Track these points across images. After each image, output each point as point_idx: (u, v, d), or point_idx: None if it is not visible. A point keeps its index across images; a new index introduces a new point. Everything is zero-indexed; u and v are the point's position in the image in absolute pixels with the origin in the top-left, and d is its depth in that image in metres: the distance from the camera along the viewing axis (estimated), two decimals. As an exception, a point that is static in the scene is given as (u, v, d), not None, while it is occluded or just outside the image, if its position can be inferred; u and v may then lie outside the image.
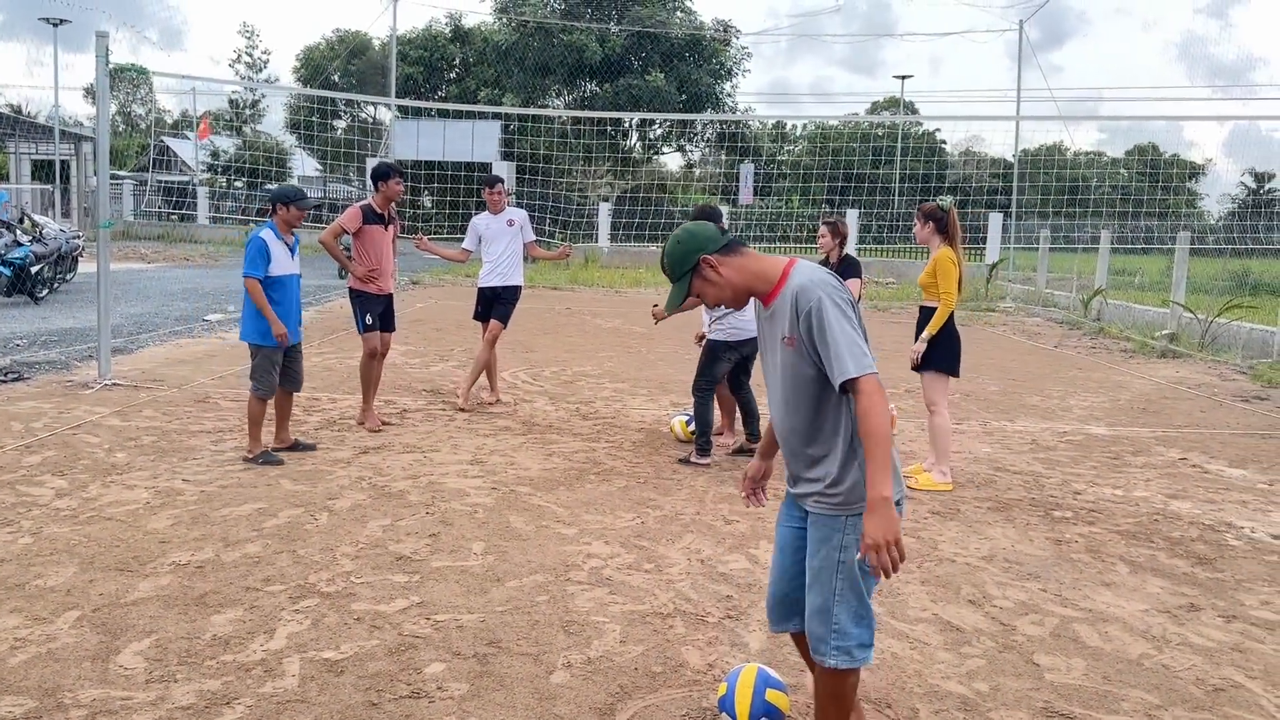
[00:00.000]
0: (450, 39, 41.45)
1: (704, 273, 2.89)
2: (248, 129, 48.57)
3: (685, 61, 38.93)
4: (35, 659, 3.63)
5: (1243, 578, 4.98)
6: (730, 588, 4.58)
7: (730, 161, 41.23)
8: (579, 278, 23.78)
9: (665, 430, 7.84)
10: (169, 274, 22.37)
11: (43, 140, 39.32)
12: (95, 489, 5.74)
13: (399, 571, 4.63)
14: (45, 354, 10.27)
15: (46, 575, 4.42)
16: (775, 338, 2.85)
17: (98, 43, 8.61)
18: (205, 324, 13.64)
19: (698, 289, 2.92)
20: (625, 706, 3.43)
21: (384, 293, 7.62)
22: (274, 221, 6.62)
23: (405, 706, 3.38)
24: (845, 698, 2.93)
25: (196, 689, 3.45)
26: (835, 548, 2.82)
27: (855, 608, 2.84)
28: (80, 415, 7.60)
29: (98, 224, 8.98)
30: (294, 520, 5.32)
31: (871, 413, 2.60)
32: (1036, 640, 4.12)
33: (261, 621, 4.02)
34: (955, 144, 53.51)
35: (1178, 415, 9.34)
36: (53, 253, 15.70)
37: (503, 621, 4.10)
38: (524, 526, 5.36)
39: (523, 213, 8.80)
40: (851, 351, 2.64)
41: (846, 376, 2.63)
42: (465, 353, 11.40)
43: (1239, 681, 3.81)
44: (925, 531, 5.52)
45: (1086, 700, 3.61)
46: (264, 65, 55.74)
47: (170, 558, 4.69)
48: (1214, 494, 6.56)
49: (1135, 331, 15.56)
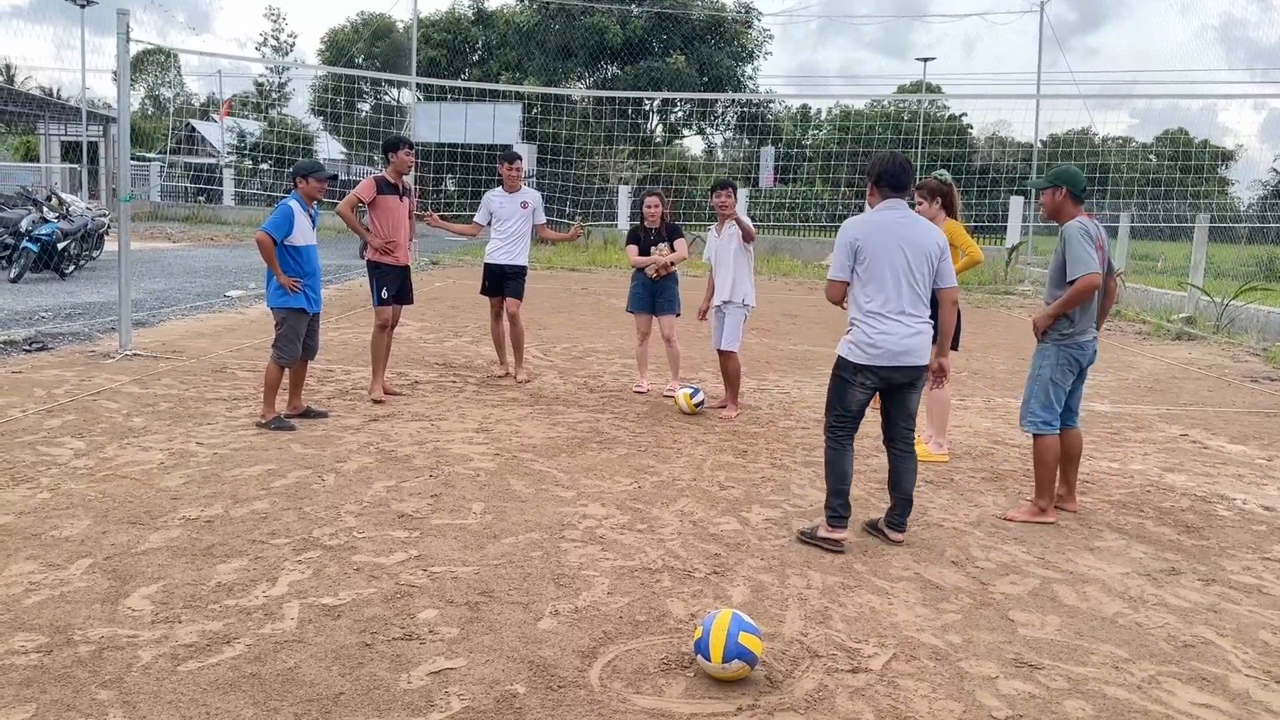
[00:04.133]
0: (473, 21, 41.61)
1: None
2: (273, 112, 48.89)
3: (706, 44, 38.88)
4: (48, 600, 3.81)
5: (1227, 545, 5.05)
6: (719, 546, 4.71)
7: (752, 145, 41.16)
8: (598, 259, 23.91)
9: (669, 403, 7.96)
10: (193, 253, 22.69)
11: (72, 121, 39.80)
12: (112, 450, 5.94)
13: (400, 528, 4.79)
14: (69, 326, 10.52)
15: (62, 527, 4.61)
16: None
17: (119, 21, 8.80)
18: (226, 299, 13.88)
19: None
20: (607, 650, 3.57)
21: (401, 264, 7.76)
22: (298, 193, 6.82)
23: (397, 647, 3.54)
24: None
25: (199, 629, 3.62)
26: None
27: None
28: (101, 383, 7.82)
29: (119, 199, 9.18)
30: (302, 481, 5.49)
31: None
32: (1014, 598, 4.23)
33: (265, 571, 4.19)
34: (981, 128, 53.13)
35: (1184, 394, 9.36)
36: (79, 230, 15.99)
37: (496, 574, 4.26)
38: (524, 489, 5.51)
39: (537, 195, 8.89)
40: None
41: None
42: (479, 328, 11.56)
43: (1209, 639, 3.90)
44: (916, 498, 5.61)
45: (1056, 653, 3.71)
46: (290, 48, 56.12)
47: (181, 513, 4.87)
48: (1210, 468, 6.62)
49: (1152, 314, 15.52)
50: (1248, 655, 3.76)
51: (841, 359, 4.80)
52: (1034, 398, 5.30)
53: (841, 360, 4.80)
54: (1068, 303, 5.11)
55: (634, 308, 8.42)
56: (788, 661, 3.54)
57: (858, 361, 4.71)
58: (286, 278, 6.68)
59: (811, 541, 4.76)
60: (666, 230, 8.20)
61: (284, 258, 6.72)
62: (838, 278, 4.81)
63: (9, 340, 9.35)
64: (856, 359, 4.72)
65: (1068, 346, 5.20)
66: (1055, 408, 5.27)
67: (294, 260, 6.75)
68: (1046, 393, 5.25)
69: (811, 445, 6.79)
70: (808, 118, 50.43)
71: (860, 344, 4.71)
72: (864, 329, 4.71)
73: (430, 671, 3.37)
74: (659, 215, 8.18)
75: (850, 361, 4.74)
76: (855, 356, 4.72)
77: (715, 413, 7.72)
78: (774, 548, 4.73)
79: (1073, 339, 5.20)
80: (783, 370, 9.91)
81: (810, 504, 5.44)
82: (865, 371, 4.71)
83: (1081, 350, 5.24)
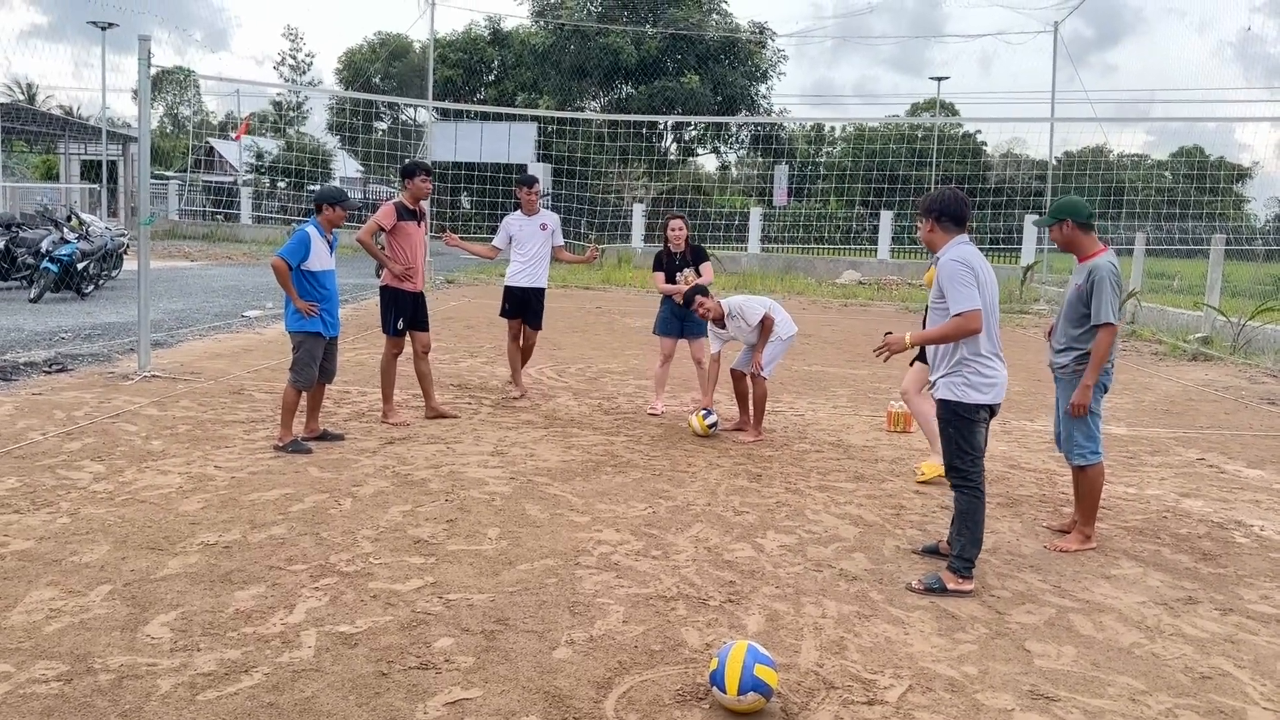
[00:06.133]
0: (489, 42, 41.94)
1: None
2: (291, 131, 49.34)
3: (720, 64, 39.05)
4: (68, 628, 3.85)
5: (1245, 573, 5.03)
6: (734, 574, 4.71)
7: (766, 163, 41.26)
8: (612, 278, 23.99)
9: (684, 425, 7.98)
10: (211, 272, 22.87)
11: (91, 141, 40.25)
12: (131, 474, 6.00)
13: (416, 554, 4.82)
14: (88, 347, 10.62)
15: (82, 552, 4.66)
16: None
17: (140, 46, 8.92)
18: (244, 320, 13.98)
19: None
20: (622, 680, 3.58)
21: (416, 290, 7.82)
22: (318, 220, 6.88)
23: (413, 676, 3.56)
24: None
25: (218, 657, 3.65)
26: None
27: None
28: (120, 405, 7.89)
29: (140, 222, 9.29)
30: (319, 505, 5.53)
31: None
32: (1030, 628, 4.22)
33: (282, 598, 4.22)
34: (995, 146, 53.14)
35: (1200, 417, 9.32)
36: (98, 250, 16.16)
37: (511, 601, 4.27)
38: (539, 514, 5.53)
39: (555, 217, 8.97)
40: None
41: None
42: (495, 349, 11.61)
43: (1227, 670, 3.88)
44: (931, 524, 5.62)
45: (1073, 684, 3.70)
46: (307, 68, 56.58)
47: (199, 538, 4.91)
48: (1228, 493, 6.59)
49: (1167, 334, 15.45)
50: (1265, 688, 3.74)
51: (960, 403, 4.62)
52: (1076, 430, 5.29)
53: (959, 404, 4.63)
54: (1097, 361, 5.11)
55: (661, 331, 8.48)
56: (803, 693, 3.54)
57: (980, 402, 4.62)
58: (303, 302, 6.74)
59: (937, 593, 4.54)
60: (691, 254, 8.22)
61: (300, 282, 6.78)
62: (977, 305, 4.53)
63: (29, 362, 9.45)
64: (977, 400, 4.61)
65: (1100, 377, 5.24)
66: (1098, 435, 5.30)
67: (310, 285, 6.81)
68: (1088, 424, 5.27)
69: (826, 469, 6.79)
70: (822, 136, 50.53)
71: (978, 386, 4.61)
72: (980, 368, 4.62)
73: (447, 702, 3.38)
74: (683, 239, 8.22)
75: (972, 404, 4.62)
76: (975, 398, 4.61)
77: (729, 435, 7.73)
78: (789, 575, 4.73)
79: (1104, 370, 5.26)
80: (797, 392, 9.91)
81: (825, 530, 5.44)
82: (986, 409, 4.67)
83: (1108, 375, 5.29)
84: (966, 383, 4.60)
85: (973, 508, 4.62)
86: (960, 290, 4.50)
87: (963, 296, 4.50)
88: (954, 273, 4.53)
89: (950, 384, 4.63)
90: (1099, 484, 5.31)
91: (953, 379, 4.63)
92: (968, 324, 4.50)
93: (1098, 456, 5.29)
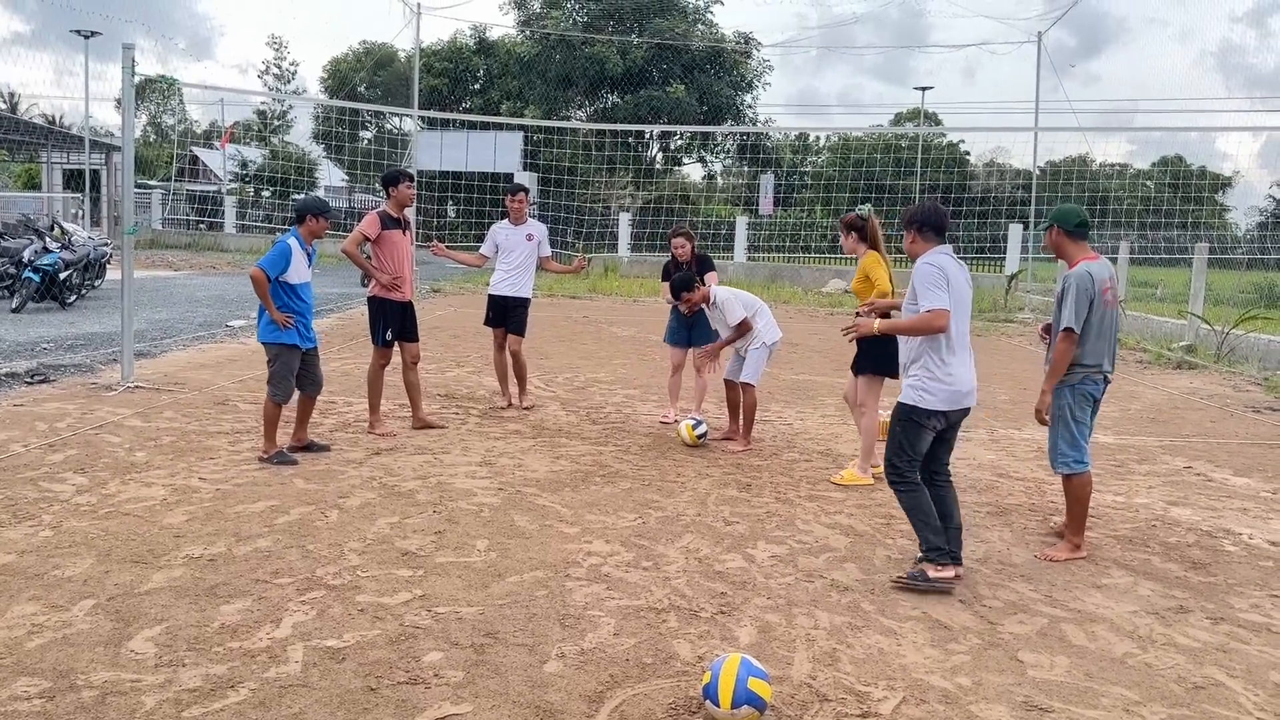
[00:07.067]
0: (474, 51, 41.88)
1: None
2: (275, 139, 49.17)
3: (706, 73, 39.14)
4: (51, 643, 3.79)
5: (1235, 582, 5.03)
6: (725, 585, 4.68)
7: (752, 172, 41.36)
8: (598, 286, 23.97)
9: (673, 435, 7.95)
10: (195, 281, 22.73)
11: (74, 150, 40.02)
12: (114, 486, 5.92)
13: (404, 566, 4.77)
14: (71, 357, 10.52)
15: (65, 566, 4.59)
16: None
17: (124, 55, 8.86)
18: (228, 329, 13.89)
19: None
20: (614, 694, 3.55)
21: (404, 300, 7.77)
22: (299, 231, 6.82)
23: (402, 692, 3.51)
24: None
25: (203, 673, 3.59)
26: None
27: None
28: (103, 416, 7.81)
29: (123, 231, 9.21)
30: (305, 517, 5.47)
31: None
32: (1022, 638, 4.21)
33: (269, 611, 4.17)
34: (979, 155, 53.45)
35: (1187, 425, 9.35)
36: (81, 259, 16.03)
37: (501, 614, 4.23)
38: (528, 525, 5.49)
39: (542, 228, 8.95)
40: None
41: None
42: (481, 359, 11.56)
43: (1220, 680, 3.87)
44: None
45: (1066, 696, 3.69)
46: (292, 76, 56.46)
47: (184, 551, 4.85)
48: (1215, 501, 6.60)
49: (1152, 343, 15.53)
50: (1259, 697, 3.73)
51: (914, 406, 4.77)
52: (1060, 439, 5.31)
53: (913, 408, 4.78)
54: (1055, 369, 5.22)
55: (670, 340, 8.55)
56: (797, 706, 3.51)
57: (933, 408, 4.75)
58: (280, 314, 6.66)
59: (923, 587, 4.63)
60: (697, 264, 8.20)
61: (278, 294, 6.71)
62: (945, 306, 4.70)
63: (11, 373, 9.34)
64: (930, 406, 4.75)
65: (1080, 384, 5.23)
66: (1082, 444, 5.31)
67: (288, 297, 6.74)
68: (1071, 431, 5.28)
69: (815, 479, 6.77)
70: (807, 145, 50.70)
71: (934, 391, 4.74)
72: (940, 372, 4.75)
73: (436, 718, 3.34)
74: (688, 252, 8.24)
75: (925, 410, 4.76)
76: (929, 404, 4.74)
77: (718, 445, 7.70)
78: (780, 586, 4.70)
79: (1086, 378, 5.24)
80: (785, 401, 9.90)
81: (815, 540, 5.42)
82: (939, 417, 4.80)
83: (1095, 385, 5.28)
84: (924, 388, 4.76)
85: (915, 501, 4.80)
86: (930, 290, 4.71)
87: (932, 296, 4.70)
88: (926, 274, 4.74)
89: (910, 387, 4.82)
90: (1085, 494, 5.31)
91: (913, 382, 4.81)
92: (934, 320, 4.68)
93: (1082, 466, 5.29)
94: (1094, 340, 5.20)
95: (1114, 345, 5.36)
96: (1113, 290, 5.30)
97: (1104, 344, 5.26)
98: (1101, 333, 5.22)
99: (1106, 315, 5.24)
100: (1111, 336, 5.32)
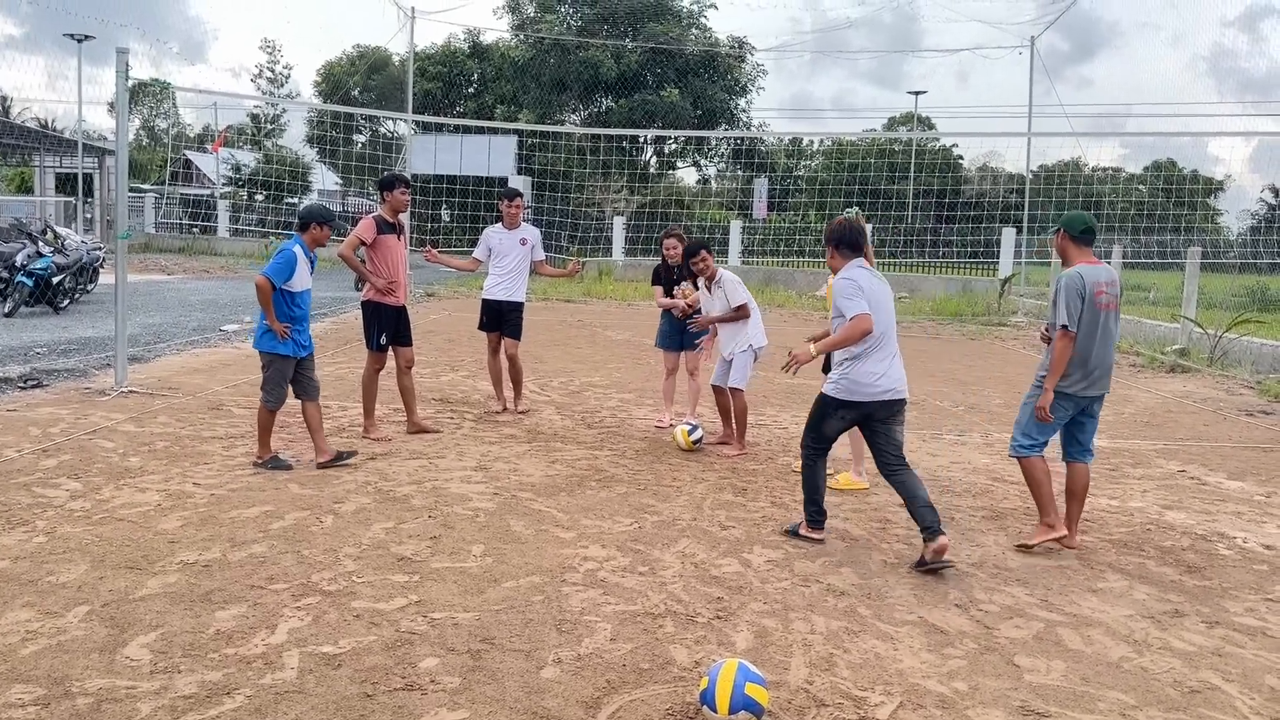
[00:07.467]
0: (468, 55, 41.88)
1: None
2: (269, 143, 49.09)
3: (700, 78, 39.18)
4: (45, 650, 3.77)
5: (1230, 585, 5.04)
6: (721, 590, 4.68)
7: (746, 176, 41.42)
8: (593, 290, 23.96)
9: (668, 440, 7.95)
10: (188, 285, 22.69)
11: (67, 154, 39.94)
12: (108, 491, 5.90)
13: (399, 572, 4.76)
14: (64, 362, 10.49)
15: (59, 572, 4.57)
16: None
17: (118, 60, 8.84)
18: (222, 334, 13.85)
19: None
20: (611, 700, 3.54)
21: (399, 304, 7.76)
22: (302, 238, 6.79)
23: (398, 698, 3.50)
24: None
25: (199, 680, 3.58)
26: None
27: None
28: (96, 421, 7.78)
29: (116, 235, 9.19)
30: (300, 522, 5.46)
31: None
32: (1019, 643, 4.21)
33: (264, 618, 4.16)
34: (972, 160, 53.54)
35: (1180, 429, 9.38)
36: (74, 264, 15.98)
37: (497, 620, 4.22)
38: (523, 530, 5.48)
39: (536, 232, 8.94)
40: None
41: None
42: (476, 363, 11.55)
43: (1216, 684, 3.88)
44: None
45: (1063, 700, 3.69)
46: (285, 80, 56.39)
47: (178, 557, 4.84)
48: (1210, 505, 6.62)
49: (1145, 346, 15.57)
50: (1254, 701, 3.74)
51: (828, 396, 5.37)
52: (1018, 424, 5.57)
53: (827, 398, 5.38)
54: (1055, 368, 5.36)
55: (662, 344, 8.56)
56: (794, 711, 3.51)
57: (843, 399, 5.31)
58: (279, 324, 6.62)
59: (799, 540, 5.44)
60: (686, 257, 8.21)
61: (279, 302, 6.67)
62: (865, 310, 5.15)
63: (4, 377, 9.31)
64: (840, 397, 5.31)
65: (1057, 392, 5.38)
66: (1036, 436, 5.48)
67: (288, 305, 6.70)
68: (1031, 418, 5.48)
69: (811, 483, 6.77)
70: (801, 149, 50.76)
71: (848, 389, 5.27)
72: (857, 374, 5.25)
73: (433, 723, 3.33)
74: (680, 253, 8.24)
75: (835, 400, 5.33)
76: (841, 396, 5.31)
77: (714, 450, 7.70)
78: (777, 590, 4.70)
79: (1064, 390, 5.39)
80: (780, 405, 9.91)
81: (811, 544, 5.41)
82: (850, 409, 5.35)
83: (1070, 400, 5.41)
84: (835, 381, 5.34)
85: (810, 474, 5.49)
86: (848, 301, 5.18)
87: (851, 305, 5.16)
88: (842, 288, 5.23)
89: (831, 380, 5.39)
90: (1034, 476, 5.51)
91: (831, 376, 5.42)
92: (859, 325, 5.10)
93: (1028, 452, 5.51)
94: (1084, 339, 5.27)
95: (1107, 354, 5.41)
96: (1109, 294, 5.34)
97: (1092, 343, 5.32)
98: (1092, 333, 5.29)
99: (1099, 317, 5.31)
100: (1105, 342, 5.36)
